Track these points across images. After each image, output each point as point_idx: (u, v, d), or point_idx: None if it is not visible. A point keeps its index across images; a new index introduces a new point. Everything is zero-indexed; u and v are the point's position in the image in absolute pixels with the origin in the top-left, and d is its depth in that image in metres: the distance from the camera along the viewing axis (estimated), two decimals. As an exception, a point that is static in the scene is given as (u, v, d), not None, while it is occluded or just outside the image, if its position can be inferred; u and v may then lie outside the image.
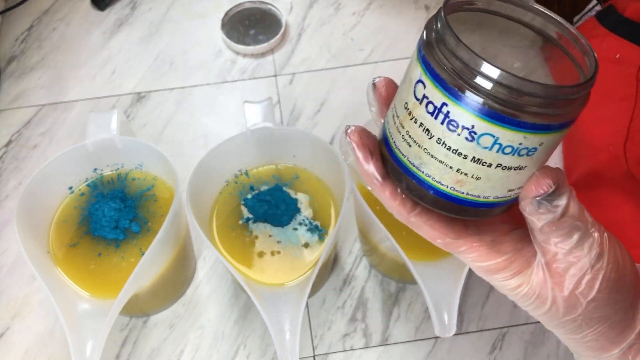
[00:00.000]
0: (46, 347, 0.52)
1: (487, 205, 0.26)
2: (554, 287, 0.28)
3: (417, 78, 0.24)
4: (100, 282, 0.47)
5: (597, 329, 0.29)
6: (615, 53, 0.52)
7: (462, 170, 0.25)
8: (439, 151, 0.24)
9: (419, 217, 0.28)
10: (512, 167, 0.24)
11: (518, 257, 0.28)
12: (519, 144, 0.23)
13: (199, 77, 0.68)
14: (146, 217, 0.50)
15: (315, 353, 0.52)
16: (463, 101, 0.23)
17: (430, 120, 0.24)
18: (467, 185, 0.25)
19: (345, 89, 0.67)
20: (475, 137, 0.23)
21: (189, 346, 0.53)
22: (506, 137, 0.23)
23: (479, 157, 0.24)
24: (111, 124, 0.50)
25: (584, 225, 0.27)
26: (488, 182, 0.25)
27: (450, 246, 0.29)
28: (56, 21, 0.73)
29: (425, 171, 0.25)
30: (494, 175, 0.25)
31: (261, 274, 0.49)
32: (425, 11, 0.73)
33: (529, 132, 0.23)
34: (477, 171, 0.24)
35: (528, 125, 0.23)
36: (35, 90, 0.67)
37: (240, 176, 0.53)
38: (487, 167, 0.24)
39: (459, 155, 0.24)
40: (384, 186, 0.28)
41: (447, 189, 0.25)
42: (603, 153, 0.51)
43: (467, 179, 0.25)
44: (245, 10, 0.72)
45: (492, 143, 0.23)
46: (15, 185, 0.61)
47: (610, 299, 0.28)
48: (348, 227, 0.58)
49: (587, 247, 0.27)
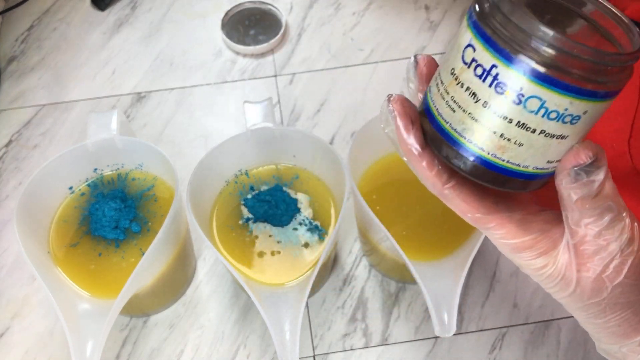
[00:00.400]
0: (46, 347, 0.52)
1: (525, 176, 0.26)
2: (580, 269, 0.28)
3: (467, 42, 0.25)
4: (100, 282, 0.47)
5: (620, 314, 0.29)
6: None
7: (505, 135, 0.25)
8: (484, 115, 0.25)
9: (453, 189, 0.28)
10: (554, 134, 0.25)
11: (545, 237, 0.28)
12: (565, 109, 0.24)
13: (199, 77, 0.68)
14: (146, 217, 0.50)
15: (315, 353, 0.52)
16: (513, 62, 0.23)
17: (478, 84, 0.24)
18: (509, 151, 0.25)
19: (345, 89, 0.67)
20: (522, 100, 0.24)
21: (189, 346, 0.53)
22: (553, 101, 0.23)
23: (524, 122, 0.24)
24: (111, 124, 0.50)
25: (617, 207, 0.27)
26: (530, 149, 0.25)
27: (480, 222, 0.29)
28: (56, 21, 0.73)
29: (468, 137, 0.26)
30: (537, 142, 0.25)
31: (261, 274, 0.49)
32: (425, 11, 0.73)
33: (575, 97, 0.23)
34: (520, 137, 0.25)
35: (575, 90, 0.23)
36: (35, 91, 0.67)
37: (240, 176, 0.53)
38: (530, 132, 0.24)
39: (504, 119, 0.24)
40: (422, 156, 0.28)
41: (488, 156, 0.26)
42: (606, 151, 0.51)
43: (509, 144, 0.25)
44: (246, 10, 0.72)
45: (539, 107, 0.24)
46: (15, 185, 0.61)
47: (637, 285, 0.28)
48: (348, 227, 0.58)
49: (618, 231, 0.27)
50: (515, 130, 0.24)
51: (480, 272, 0.56)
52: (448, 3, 0.74)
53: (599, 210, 0.26)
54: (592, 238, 0.27)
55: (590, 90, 0.23)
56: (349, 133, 0.64)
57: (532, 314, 0.54)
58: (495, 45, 0.24)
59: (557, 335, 0.53)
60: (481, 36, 0.24)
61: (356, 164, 0.50)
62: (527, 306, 0.54)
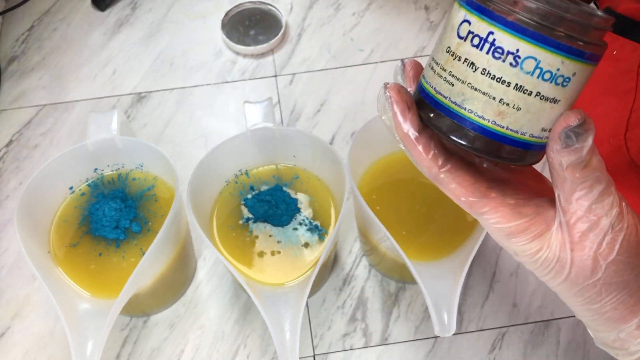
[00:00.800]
0: (46, 347, 0.53)
1: (522, 145, 0.27)
2: (573, 249, 0.28)
3: (462, 19, 0.27)
4: (100, 282, 0.47)
5: (616, 295, 0.29)
6: (612, 50, 0.52)
7: (504, 99, 0.26)
8: (484, 82, 0.26)
9: (449, 173, 0.29)
10: (548, 97, 0.26)
11: (538, 219, 0.29)
12: (557, 69, 0.26)
13: (199, 78, 0.68)
14: (146, 217, 0.50)
15: (315, 353, 0.52)
16: (509, 26, 0.25)
17: (475, 53, 0.26)
18: (508, 117, 0.27)
19: (345, 89, 0.67)
20: (519, 62, 0.26)
21: (189, 346, 0.53)
22: (547, 61, 0.25)
23: (521, 84, 0.26)
24: (112, 124, 0.50)
25: (606, 180, 0.28)
26: (527, 114, 0.27)
27: (475, 206, 0.29)
28: (57, 21, 0.73)
29: (468, 107, 0.27)
30: (533, 105, 0.26)
31: (261, 273, 0.49)
32: (425, 11, 0.73)
33: (566, 55, 0.25)
34: (518, 100, 0.26)
35: (566, 48, 0.25)
36: (35, 91, 0.67)
37: (240, 176, 0.53)
38: (527, 95, 0.26)
39: (502, 83, 0.26)
40: (418, 140, 0.29)
41: (488, 124, 0.27)
42: (603, 146, 0.51)
43: (508, 109, 0.27)
44: (246, 10, 0.73)
45: (534, 67, 0.26)
46: (15, 185, 0.61)
47: (630, 262, 0.29)
48: (348, 227, 0.58)
49: (608, 205, 0.28)
50: (513, 94, 0.26)
51: (480, 272, 0.56)
52: (448, 3, 0.74)
53: (589, 182, 0.27)
54: (583, 213, 0.28)
55: (578, 50, 0.26)
56: (349, 133, 0.64)
57: (532, 313, 0.54)
58: (491, 14, 0.26)
59: (557, 335, 0.53)
60: (476, 9, 0.26)
61: (356, 164, 0.50)
62: (526, 306, 0.54)
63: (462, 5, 0.27)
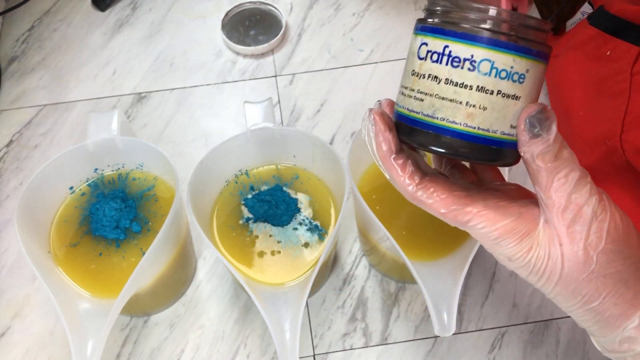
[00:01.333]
0: (47, 346, 0.53)
1: (497, 143, 0.30)
2: (562, 243, 0.29)
3: (419, 44, 0.30)
4: (101, 282, 0.48)
5: (613, 288, 0.30)
6: (605, 51, 0.52)
7: (470, 102, 0.29)
8: (448, 90, 0.29)
9: (425, 189, 0.30)
10: (509, 94, 0.29)
11: (523, 218, 0.30)
12: (511, 67, 0.29)
13: (200, 78, 0.68)
14: (147, 217, 0.50)
15: (315, 352, 0.52)
16: (460, 36, 0.29)
17: (436, 67, 0.29)
18: (477, 117, 0.29)
19: (345, 89, 0.67)
20: (475, 66, 0.29)
21: (190, 346, 0.53)
22: (500, 60, 0.28)
23: (482, 85, 0.29)
24: (112, 124, 0.50)
25: (579, 169, 0.29)
26: (493, 112, 0.29)
27: (458, 216, 0.30)
28: (57, 22, 0.73)
29: (440, 115, 0.30)
30: (497, 103, 0.29)
31: (261, 273, 0.49)
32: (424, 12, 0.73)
33: (515, 54, 0.28)
34: (482, 100, 0.29)
35: (514, 47, 0.28)
36: (36, 91, 0.67)
37: (240, 176, 0.53)
38: (489, 94, 0.29)
39: (465, 87, 0.29)
40: (396, 160, 0.31)
41: (460, 127, 0.29)
42: (599, 148, 0.51)
43: (475, 110, 0.29)
44: (246, 10, 0.73)
45: (490, 68, 0.28)
46: (16, 185, 0.61)
47: (620, 251, 0.29)
48: (348, 227, 0.58)
49: (587, 193, 0.29)
50: (477, 95, 0.29)
51: (480, 272, 0.56)
52: (448, 3, 0.74)
53: (564, 172, 0.29)
54: (564, 203, 0.29)
55: (525, 47, 0.29)
56: (349, 133, 0.64)
57: (532, 313, 0.54)
58: (443, 30, 0.29)
59: (557, 335, 0.53)
60: (429, 31, 0.30)
61: (356, 164, 0.50)
62: (526, 306, 0.54)
63: (418, 33, 0.31)
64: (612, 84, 0.51)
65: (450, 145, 0.30)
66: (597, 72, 0.53)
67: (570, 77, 0.57)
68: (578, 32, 0.58)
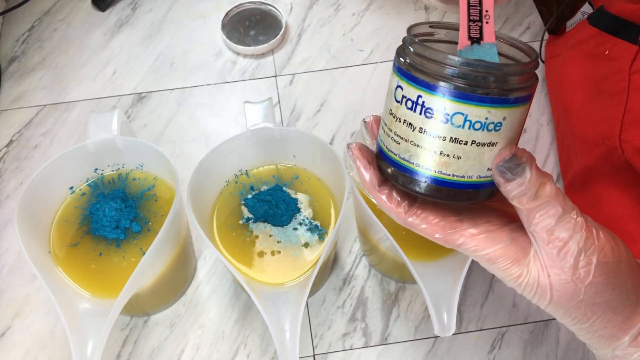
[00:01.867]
0: (47, 346, 0.53)
1: (473, 186, 0.29)
2: (550, 274, 0.29)
3: (396, 85, 0.29)
4: (101, 282, 0.48)
5: (602, 315, 0.30)
6: (604, 50, 0.52)
7: (444, 152, 0.28)
8: (423, 139, 0.29)
9: (415, 216, 0.31)
10: (484, 143, 0.28)
11: (514, 245, 0.30)
12: (485, 118, 0.27)
13: (200, 78, 0.68)
14: (147, 217, 0.50)
15: (315, 352, 0.52)
16: (433, 89, 0.27)
17: (411, 115, 0.29)
18: (452, 166, 0.29)
19: (345, 89, 0.67)
20: (448, 118, 0.28)
21: (190, 345, 0.53)
22: (473, 113, 0.27)
23: (455, 137, 0.28)
24: (112, 124, 0.50)
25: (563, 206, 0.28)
26: (468, 160, 0.28)
27: (450, 240, 0.30)
28: (57, 22, 0.73)
29: (415, 161, 0.29)
30: (471, 152, 0.28)
31: (261, 273, 0.49)
32: (424, 12, 0.73)
33: (490, 106, 0.27)
34: (456, 151, 0.28)
35: (488, 100, 0.27)
36: (36, 91, 0.67)
37: (240, 176, 0.54)
38: (463, 145, 0.28)
39: (438, 138, 0.28)
40: (380, 191, 0.31)
41: (436, 174, 0.29)
42: (598, 148, 0.51)
43: (450, 160, 0.28)
44: (246, 11, 0.73)
45: (463, 120, 0.27)
46: (16, 185, 0.61)
47: (609, 283, 0.29)
48: (348, 227, 0.58)
49: (570, 229, 0.28)
50: (450, 146, 0.28)
51: (480, 272, 0.56)
52: (448, 3, 0.74)
53: (544, 210, 0.28)
54: (546, 236, 0.28)
55: (501, 98, 0.27)
56: (349, 133, 0.64)
57: (532, 313, 0.54)
58: (417, 79, 0.28)
59: (556, 335, 0.53)
60: (404, 76, 0.29)
61: (356, 164, 0.50)
62: (526, 306, 0.54)
63: (395, 72, 0.30)
64: (610, 83, 0.51)
65: (427, 188, 0.29)
66: (596, 72, 0.53)
67: (569, 77, 0.57)
68: (578, 32, 0.58)
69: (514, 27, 0.71)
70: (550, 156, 0.62)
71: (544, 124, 0.64)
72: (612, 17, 0.52)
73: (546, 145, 0.62)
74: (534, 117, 0.64)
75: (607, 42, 0.52)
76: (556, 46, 0.63)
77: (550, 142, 0.62)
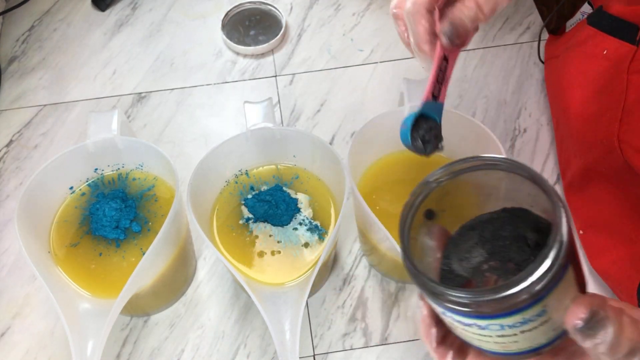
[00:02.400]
0: (47, 346, 0.53)
1: (545, 345, 0.28)
2: None
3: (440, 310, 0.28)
4: (101, 282, 0.48)
5: None
6: (602, 50, 0.52)
7: (498, 341, 0.27)
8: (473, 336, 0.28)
9: None
10: (536, 325, 0.26)
11: None
12: (523, 318, 0.25)
13: (200, 78, 0.68)
14: (147, 217, 0.50)
15: (315, 352, 0.52)
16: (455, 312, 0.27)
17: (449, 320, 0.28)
18: (512, 346, 0.28)
19: (345, 89, 0.67)
20: (484, 327, 0.27)
21: (190, 345, 0.53)
22: (506, 322, 0.26)
23: (500, 335, 0.27)
24: (112, 124, 0.50)
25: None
26: (527, 340, 0.27)
27: None
28: (57, 22, 0.73)
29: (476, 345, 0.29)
30: (527, 335, 0.27)
31: (261, 273, 0.49)
32: (425, 12, 0.73)
33: (523, 311, 0.25)
34: (509, 339, 0.27)
35: (517, 310, 0.25)
36: (36, 91, 0.67)
37: (240, 176, 0.53)
38: (513, 336, 0.27)
39: (485, 336, 0.27)
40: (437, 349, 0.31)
41: (502, 350, 0.28)
42: (597, 148, 0.51)
43: (508, 343, 0.27)
44: (246, 11, 0.73)
45: (500, 327, 0.26)
46: (16, 185, 0.61)
47: None
48: (348, 227, 0.58)
49: None
50: (500, 340, 0.27)
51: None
52: (448, 3, 0.74)
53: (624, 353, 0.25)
54: None
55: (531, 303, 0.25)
56: (349, 133, 0.64)
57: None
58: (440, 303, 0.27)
59: None
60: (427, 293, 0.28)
61: (356, 164, 0.50)
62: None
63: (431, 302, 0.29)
64: (608, 83, 0.51)
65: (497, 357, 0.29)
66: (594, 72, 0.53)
67: (569, 77, 0.57)
68: (577, 32, 0.58)
69: (514, 27, 0.71)
70: (550, 156, 0.62)
71: (544, 124, 0.64)
72: (611, 17, 0.52)
73: (546, 145, 0.62)
74: (534, 117, 0.64)
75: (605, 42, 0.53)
76: (556, 46, 0.63)
77: (550, 143, 0.62)
